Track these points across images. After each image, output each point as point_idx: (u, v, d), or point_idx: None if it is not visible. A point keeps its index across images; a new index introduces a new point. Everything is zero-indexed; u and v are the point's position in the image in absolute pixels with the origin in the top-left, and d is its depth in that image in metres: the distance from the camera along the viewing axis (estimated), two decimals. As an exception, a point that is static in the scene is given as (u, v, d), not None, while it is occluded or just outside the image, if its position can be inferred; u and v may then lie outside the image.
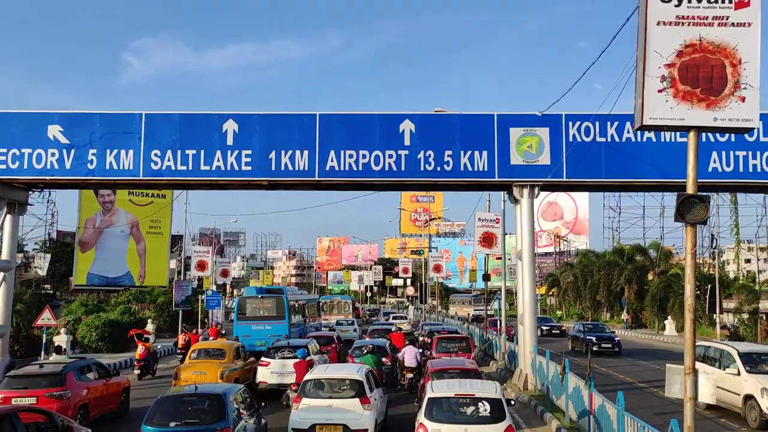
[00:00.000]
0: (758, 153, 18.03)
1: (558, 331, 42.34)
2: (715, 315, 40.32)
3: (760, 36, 7.18)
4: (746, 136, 17.38)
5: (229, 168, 18.90)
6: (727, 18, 7.16)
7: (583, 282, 57.81)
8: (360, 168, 18.81)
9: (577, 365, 19.19)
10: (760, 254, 66.55)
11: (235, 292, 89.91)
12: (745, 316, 41.31)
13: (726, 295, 44.01)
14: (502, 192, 23.30)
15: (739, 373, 14.93)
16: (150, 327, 33.47)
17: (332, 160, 18.85)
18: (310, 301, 37.62)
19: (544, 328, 41.99)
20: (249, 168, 18.95)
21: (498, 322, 30.17)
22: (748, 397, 14.49)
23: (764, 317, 40.62)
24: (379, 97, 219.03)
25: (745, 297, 42.23)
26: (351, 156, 18.84)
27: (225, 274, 48.90)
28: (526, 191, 19.04)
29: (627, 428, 9.55)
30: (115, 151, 19.05)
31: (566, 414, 13.95)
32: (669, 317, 44.82)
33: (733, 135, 17.46)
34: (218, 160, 18.92)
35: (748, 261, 65.96)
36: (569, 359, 14.89)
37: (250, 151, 18.94)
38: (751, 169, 18.04)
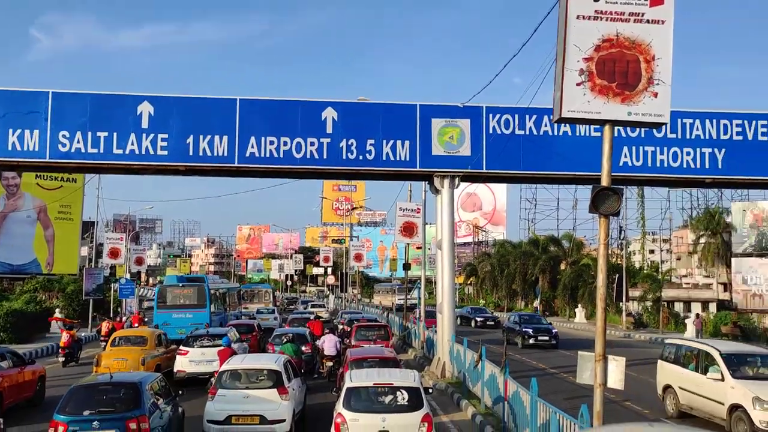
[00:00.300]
0: (665, 149, 18.89)
1: (492, 323, 40.47)
2: (621, 303, 42.42)
3: (673, 34, 7.46)
4: (654, 132, 18.19)
5: (143, 152, 18.12)
6: (643, 15, 7.38)
7: (500, 271, 59.36)
8: (281, 155, 18.46)
9: (494, 354, 19.67)
10: (663, 245, 70.39)
11: (150, 280, 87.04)
12: (649, 303, 43.67)
13: (632, 284, 46.33)
14: (424, 182, 23.49)
15: (723, 379, 12.80)
16: (58, 316, 31.97)
17: (252, 147, 18.40)
18: (231, 290, 37.40)
19: (479, 319, 40.78)
20: (165, 152, 18.24)
21: (418, 310, 30.54)
22: (735, 407, 12.33)
23: (666, 305, 43.05)
24: (301, 85, 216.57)
25: (649, 286, 44.63)
26: (272, 143, 18.46)
27: (140, 261, 47.26)
28: (446, 181, 19.25)
29: (539, 413, 9.82)
30: (19, 131, 17.88)
31: (482, 401, 14.25)
32: (579, 305, 46.72)
33: (642, 131, 18.23)
34: (132, 144, 18.11)
35: (652, 252, 69.59)
36: (486, 347, 15.18)
37: (166, 135, 18.23)
38: (658, 164, 18.89)
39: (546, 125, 18.99)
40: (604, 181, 7.92)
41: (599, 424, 7.76)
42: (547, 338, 27.89)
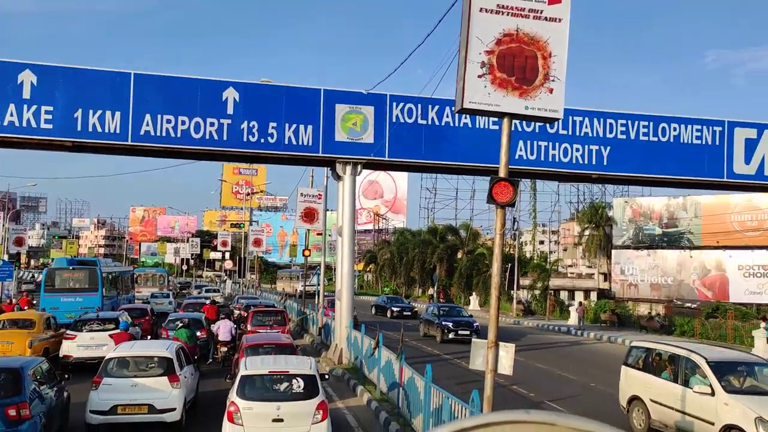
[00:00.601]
0: (557, 144, 19.74)
1: (409, 313, 38.32)
2: (513, 291, 44.21)
3: (568, 33, 7.75)
4: (548, 127, 18.96)
5: (25, 125, 16.85)
6: (541, 12, 7.62)
7: (399, 259, 60.24)
8: (178, 135, 17.73)
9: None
10: (552, 237, 73.92)
11: (32, 262, 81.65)
12: (537, 292, 45.79)
13: (523, 274, 48.40)
14: (326, 168, 23.35)
15: (713, 393, 10.67)
16: None
17: (148, 125, 17.55)
18: (124, 274, 36.14)
19: (395, 308, 38.91)
20: (50, 126, 17.04)
21: (317, 296, 30.41)
22: (730, 428, 10.32)
23: (552, 293, 45.29)
24: (199, 62, 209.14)
25: (538, 275, 46.76)
26: (169, 121, 17.68)
27: (20, 242, 44.18)
28: (349, 168, 19.22)
29: (433, 398, 10.03)
30: None
31: (378, 387, 14.40)
32: (474, 293, 48.25)
33: (537, 126, 18.96)
34: (12, 115, 16.79)
35: (542, 243, 72.91)
36: (383, 333, 15.34)
37: (51, 108, 17.03)
38: (550, 159, 19.71)
39: (448, 116, 19.33)
40: (502, 173, 8.14)
41: (489, 409, 8.02)
42: (468, 332, 24.91)
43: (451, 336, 25.55)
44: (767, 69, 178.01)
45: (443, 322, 26.31)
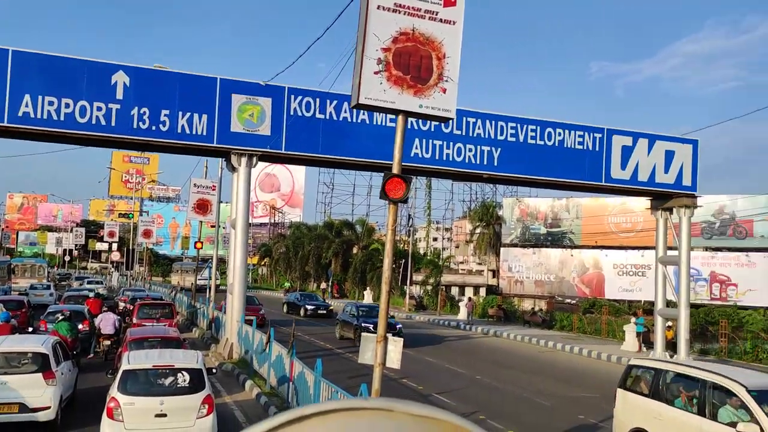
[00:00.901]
0: (451, 144, 20.29)
1: (325, 311, 35.93)
2: (406, 286, 45.07)
3: (462, 36, 8.01)
4: (443, 127, 19.46)
5: None
6: (437, 14, 7.83)
7: (294, 253, 59.85)
8: (62, 118, 16.69)
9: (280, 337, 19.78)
10: (445, 234, 75.93)
11: None
12: (430, 287, 46.94)
13: (416, 269, 49.41)
14: (220, 159, 22.79)
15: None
16: None
17: (27, 106, 16.42)
18: (0, 264, 33.97)
19: (309, 306, 36.13)
20: None
21: (208, 290, 29.67)
22: None
23: (444, 289, 46.59)
24: (85, 42, 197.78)
25: (431, 271, 47.92)
26: (51, 103, 16.62)
27: None
28: (244, 160, 18.87)
29: (322, 392, 10.08)
30: None
31: (267, 381, 14.28)
32: (368, 288, 48.75)
33: (433, 126, 19.41)
34: None
35: (435, 239, 74.72)
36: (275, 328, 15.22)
37: None
38: (445, 158, 20.24)
39: (346, 111, 19.39)
40: (395, 169, 8.29)
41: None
42: (390, 335, 24.30)
43: None
44: (643, 82, 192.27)
45: (362, 324, 23.77)
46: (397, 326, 23.87)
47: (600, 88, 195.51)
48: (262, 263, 70.97)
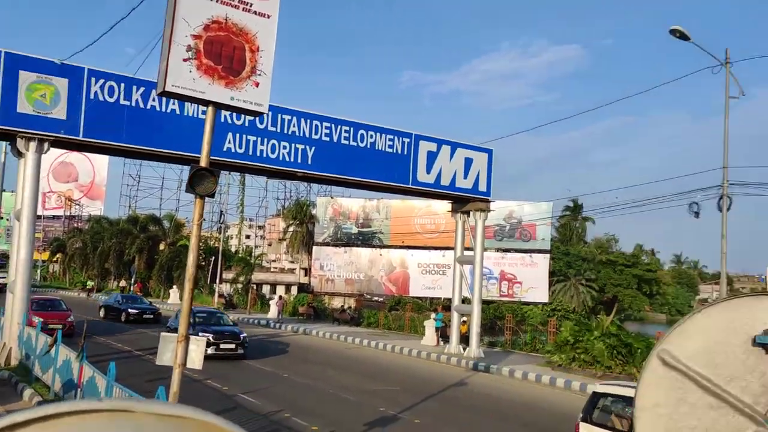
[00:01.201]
0: (266, 140, 20.02)
1: (151, 316, 32.09)
2: (215, 284, 43.76)
3: (276, 30, 7.89)
4: (257, 123, 19.16)
5: None
6: (251, 6, 7.62)
7: (92, 249, 55.69)
8: None
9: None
10: (258, 231, 74.94)
11: None
12: (240, 285, 46.07)
13: (227, 267, 48.23)
14: (4, 142, 20.38)
15: None
16: None
17: None
18: None
19: (132, 311, 31.75)
20: None
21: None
22: None
23: (255, 287, 45.99)
24: None
25: (242, 269, 47.08)
26: None
27: None
28: (33, 145, 17.00)
29: (115, 397, 9.39)
30: None
31: (51, 388, 13.02)
32: (175, 286, 46.66)
33: (247, 120, 19.01)
34: None
35: (248, 237, 73.46)
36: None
37: None
38: (259, 154, 19.90)
39: (154, 100, 18.28)
40: (203, 162, 7.95)
41: (176, 404, 7.76)
42: (233, 346, 20.87)
43: (210, 351, 18.94)
44: (447, 92, 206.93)
45: (200, 333, 18.30)
46: (242, 336, 21.56)
47: (410, 96, 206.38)
48: (54, 259, 64.80)
